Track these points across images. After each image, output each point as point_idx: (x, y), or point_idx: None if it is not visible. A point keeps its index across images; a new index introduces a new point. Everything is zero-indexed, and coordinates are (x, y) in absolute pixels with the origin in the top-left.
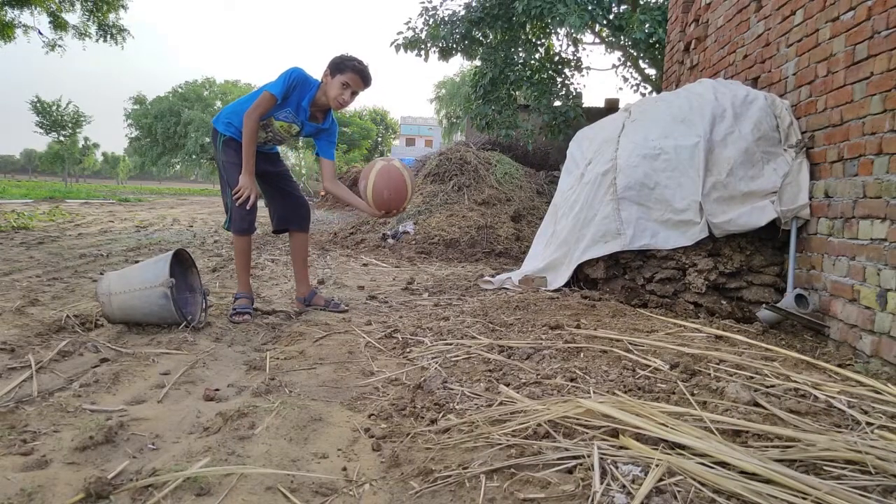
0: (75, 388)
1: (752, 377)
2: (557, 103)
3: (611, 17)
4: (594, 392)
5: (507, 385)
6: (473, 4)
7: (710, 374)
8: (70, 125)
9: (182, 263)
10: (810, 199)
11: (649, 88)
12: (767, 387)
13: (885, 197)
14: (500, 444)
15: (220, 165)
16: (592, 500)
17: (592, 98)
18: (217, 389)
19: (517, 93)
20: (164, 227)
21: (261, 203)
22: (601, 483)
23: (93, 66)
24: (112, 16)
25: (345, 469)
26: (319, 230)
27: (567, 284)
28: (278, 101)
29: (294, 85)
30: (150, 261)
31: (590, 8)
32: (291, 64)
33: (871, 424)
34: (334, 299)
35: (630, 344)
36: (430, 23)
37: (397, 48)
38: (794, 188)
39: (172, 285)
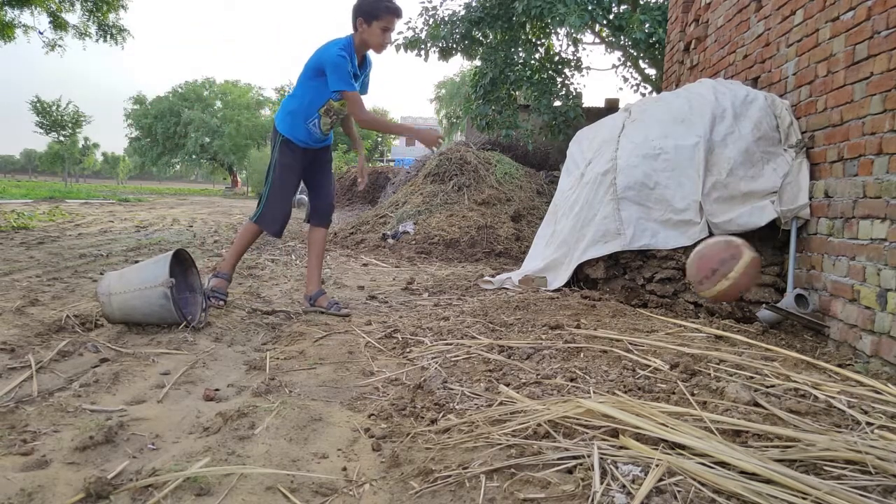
0: (75, 388)
1: (752, 377)
2: (557, 103)
3: (611, 17)
4: (594, 392)
5: (507, 385)
6: (473, 4)
7: (710, 374)
8: (70, 125)
9: (182, 263)
10: (810, 199)
11: (649, 88)
12: (767, 387)
13: (885, 197)
14: (500, 444)
15: (273, 162)
16: (592, 500)
17: (592, 98)
18: (217, 389)
19: (517, 93)
20: (164, 227)
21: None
22: (601, 483)
23: (93, 66)
24: (112, 16)
25: (345, 469)
26: None
27: (567, 284)
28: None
29: (349, 62)
30: (149, 261)
31: (590, 8)
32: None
33: (871, 424)
34: (338, 302)
35: (630, 344)
36: (430, 23)
37: (397, 48)
38: (794, 188)
39: (172, 285)
